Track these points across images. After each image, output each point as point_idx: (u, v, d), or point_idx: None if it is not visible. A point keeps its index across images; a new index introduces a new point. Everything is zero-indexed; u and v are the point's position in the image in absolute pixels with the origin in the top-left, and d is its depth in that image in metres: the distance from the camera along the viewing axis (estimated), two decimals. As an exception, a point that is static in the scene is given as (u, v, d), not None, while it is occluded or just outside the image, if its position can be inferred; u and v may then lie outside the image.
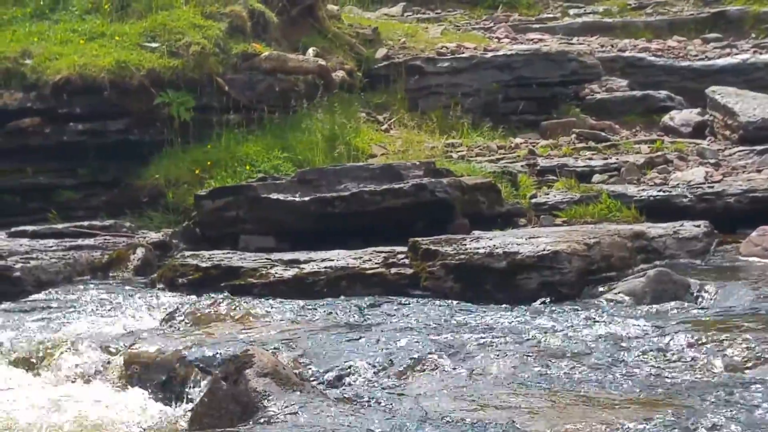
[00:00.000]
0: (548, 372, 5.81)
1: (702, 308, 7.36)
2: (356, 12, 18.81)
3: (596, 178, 11.77)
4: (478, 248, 8.38)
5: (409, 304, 7.83)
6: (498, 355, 6.14)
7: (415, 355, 6.16)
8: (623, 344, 6.31)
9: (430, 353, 6.19)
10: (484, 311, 7.47)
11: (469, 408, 5.15)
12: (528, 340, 6.51)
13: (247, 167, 12.12)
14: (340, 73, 14.72)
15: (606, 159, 12.43)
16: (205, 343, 6.56)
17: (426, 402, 5.26)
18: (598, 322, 6.88)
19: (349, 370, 5.96)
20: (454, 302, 7.87)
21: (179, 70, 12.82)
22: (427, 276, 8.33)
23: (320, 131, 12.83)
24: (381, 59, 15.84)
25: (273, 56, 13.63)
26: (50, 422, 5.80)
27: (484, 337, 6.58)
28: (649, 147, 13.04)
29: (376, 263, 8.64)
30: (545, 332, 6.67)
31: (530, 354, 6.16)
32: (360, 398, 5.45)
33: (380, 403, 5.33)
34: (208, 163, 12.28)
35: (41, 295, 8.91)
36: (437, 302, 7.88)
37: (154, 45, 13.12)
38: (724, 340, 6.17)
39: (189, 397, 6.01)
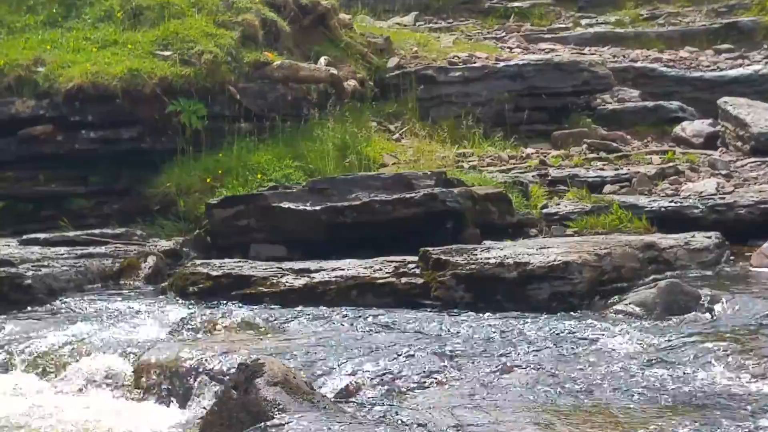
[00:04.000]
0: (559, 383, 5.80)
1: (713, 319, 7.35)
2: (368, 21, 18.85)
3: (607, 188, 11.77)
4: (489, 258, 8.37)
5: (419, 313, 7.83)
6: (508, 367, 6.14)
7: (426, 366, 6.17)
8: (634, 355, 6.30)
9: (440, 364, 6.20)
10: (495, 321, 7.47)
11: (480, 420, 5.14)
12: (538, 350, 6.51)
13: (259, 176, 12.12)
14: (351, 82, 14.74)
15: (617, 169, 12.43)
16: (215, 352, 6.56)
17: (436, 413, 5.25)
18: (608, 333, 6.87)
19: (359, 379, 5.96)
20: (465, 312, 7.87)
21: (191, 79, 12.83)
22: (437, 286, 8.32)
23: (331, 140, 12.83)
24: (393, 68, 15.86)
25: (285, 65, 13.64)
26: (61, 429, 5.82)
27: (494, 348, 6.59)
28: (660, 158, 13.04)
29: (386, 273, 8.63)
30: (556, 343, 6.67)
31: (541, 365, 6.15)
32: (370, 408, 5.45)
33: (390, 413, 5.32)
34: (220, 171, 12.28)
35: (52, 303, 8.91)
36: (448, 312, 7.88)
37: (166, 53, 13.14)
38: (735, 351, 6.16)
39: (199, 405, 6.01)
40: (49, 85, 12.74)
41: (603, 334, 6.85)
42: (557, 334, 6.96)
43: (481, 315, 7.75)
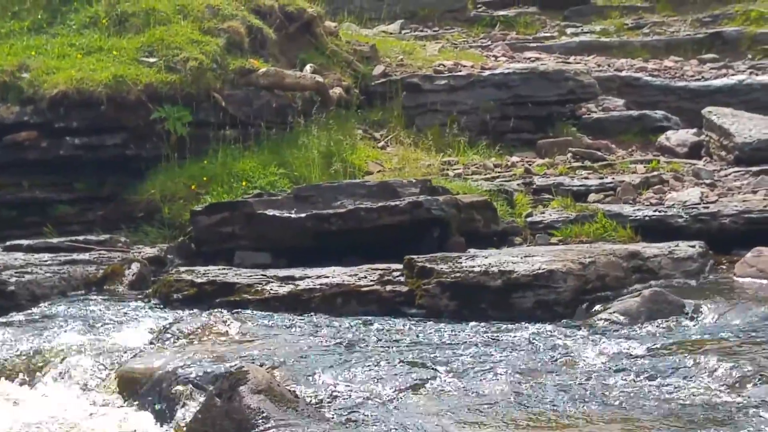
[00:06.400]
0: (543, 392, 5.81)
1: (696, 329, 7.36)
2: (354, 29, 18.84)
3: (592, 197, 11.78)
4: (474, 266, 8.37)
5: (404, 321, 7.83)
6: (493, 374, 6.14)
7: (410, 374, 6.16)
8: (617, 364, 6.31)
9: (424, 372, 6.20)
10: (479, 330, 7.47)
11: (463, 428, 5.14)
12: (523, 359, 6.51)
13: (244, 183, 12.11)
14: (337, 89, 14.74)
15: (602, 178, 12.44)
16: (199, 360, 6.55)
17: (420, 421, 5.25)
18: (592, 341, 6.88)
19: (343, 388, 5.95)
20: (449, 320, 7.87)
21: (176, 85, 12.81)
22: (422, 294, 8.32)
23: (317, 148, 12.83)
24: (378, 76, 15.88)
25: (270, 72, 13.64)
26: (43, 437, 5.80)
27: (479, 356, 6.59)
28: (644, 167, 13.05)
29: (371, 280, 8.63)
30: (539, 351, 6.68)
31: (525, 373, 6.16)
32: (354, 416, 5.44)
33: (375, 421, 5.32)
34: (205, 178, 12.27)
35: (35, 310, 8.88)
36: (432, 320, 7.89)
37: (151, 60, 13.12)
38: (718, 360, 6.17)
39: (183, 413, 6.00)
40: (33, 91, 12.71)
41: (587, 343, 6.86)
42: (541, 342, 6.97)
43: (465, 323, 7.76)
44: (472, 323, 7.73)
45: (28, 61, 13.16)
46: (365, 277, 8.68)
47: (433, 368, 6.28)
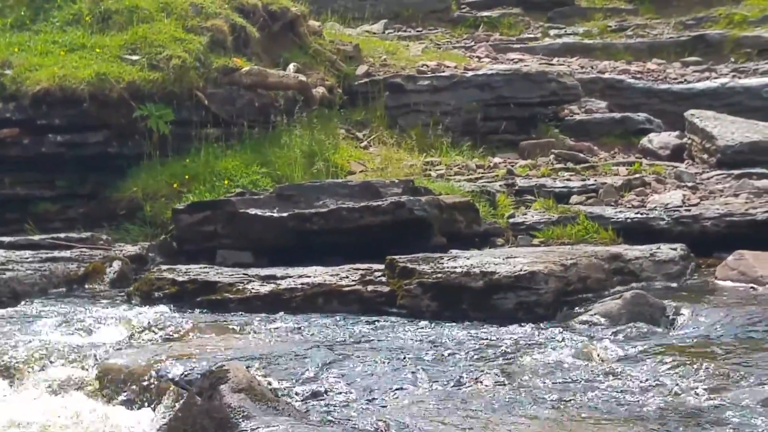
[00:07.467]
0: (522, 393, 5.81)
1: (677, 331, 7.37)
2: (338, 28, 18.83)
3: (574, 199, 11.79)
4: (455, 267, 8.37)
5: (385, 322, 7.83)
6: (473, 375, 6.14)
7: (390, 374, 6.16)
8: (598, 366, 6.32)
9: (405, 372, 6.20)
10: (460, 330, 7.47)
11: (442, 428, 5.14)
12: (503, 360, 6.52)
13: (226, 182, 12.10)
14: (320, 89, 14.73)
15: (584, 180, 12.45)
16: (179, 358, 6.54)
17: (400, 421, 5.25)
18: (573, 343, 6.89)
19: (324, 387, 5.95)
20: (430, 321, 7.87)
21: (159, 83, 12.78)
22: (403, 294, 8.31)
23: (299, 147, 12.82)
24: (361, 76, 15.88)
25: (253, 71, 13.62)
26: (22, 435, 5.78)
27: (459, 357, 6.59)
28: (627, 169, 13.08)
29: (352, 280, 8.62)
30: (520, 353, 6.68)
31: (505, 375, 6.16)
32: (334, 416, 5.44)
33: (354, 421, 5.32)
34: (187, 177, 12.24)
35: (16, 307, 8.85)
36: (413, 320, 7.88)
37: (134, 58, 13.09)
38: (698, 363, 6.19)
39: (163, 411, 5.98)
40: (16, 88, 12.66)
41: (567, 345, 6.86)
42: (521, 343, 6.97)
43: (446, 324, 7.76)
44: (453, 324, 7.73)
45: (10, 57, 13.11)
46: (347, 277, 8.68)
47: (413, 369, 6.28)
